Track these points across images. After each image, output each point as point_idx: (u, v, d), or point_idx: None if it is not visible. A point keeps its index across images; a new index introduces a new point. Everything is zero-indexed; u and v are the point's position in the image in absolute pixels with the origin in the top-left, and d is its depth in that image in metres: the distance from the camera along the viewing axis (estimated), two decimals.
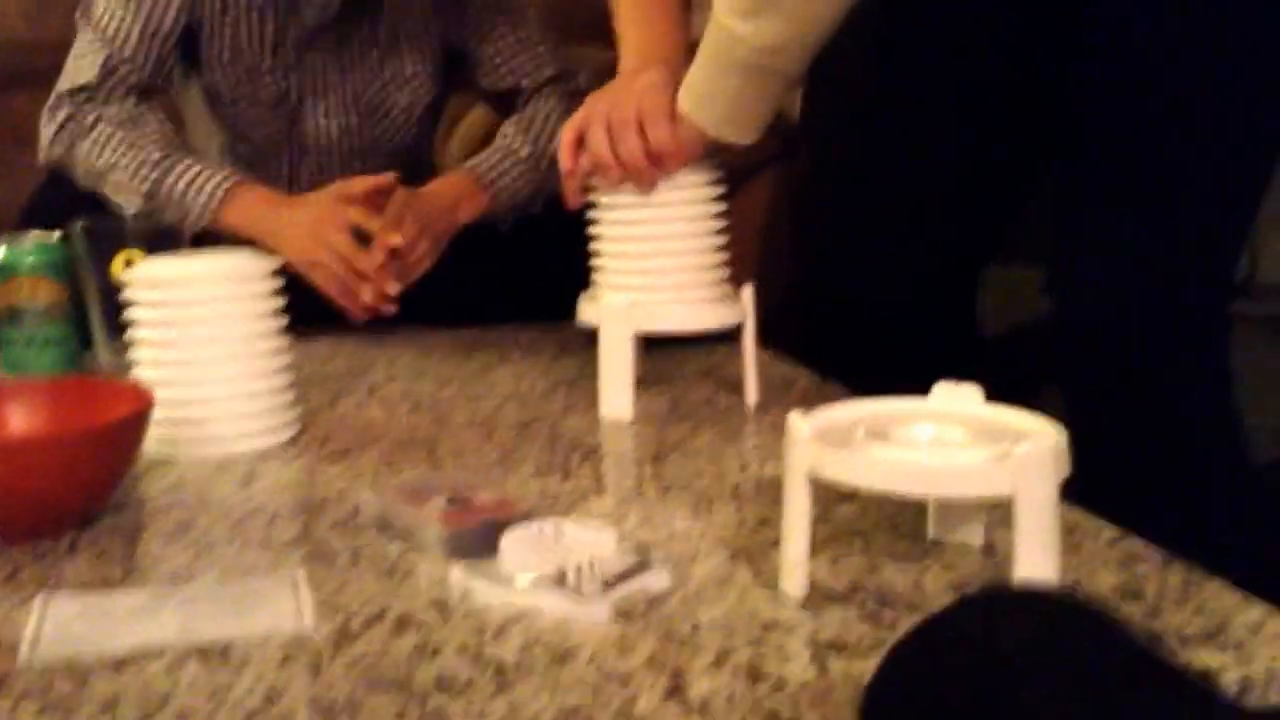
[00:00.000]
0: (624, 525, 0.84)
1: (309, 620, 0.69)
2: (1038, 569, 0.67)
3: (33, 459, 0.80)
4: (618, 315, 1.09)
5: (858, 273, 1.26)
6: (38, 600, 0.72)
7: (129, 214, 1.38)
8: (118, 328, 1.08)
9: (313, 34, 1.54)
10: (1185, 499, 1.04)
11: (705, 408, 1.13)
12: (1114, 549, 0.78)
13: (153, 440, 0.99)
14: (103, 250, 1.20)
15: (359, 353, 1.36)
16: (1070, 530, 0.80)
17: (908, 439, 0.72)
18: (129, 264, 1.15)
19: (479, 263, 1.49)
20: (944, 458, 0.69)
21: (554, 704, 0.60)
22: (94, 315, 1.22)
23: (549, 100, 1.58)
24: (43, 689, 0.62)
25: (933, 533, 0.80)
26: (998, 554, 0.77)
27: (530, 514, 0.80)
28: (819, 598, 0.71)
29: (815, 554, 0.75)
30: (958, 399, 0.76)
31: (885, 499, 0.85)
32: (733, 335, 1.15)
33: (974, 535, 0.79)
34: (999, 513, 0.80)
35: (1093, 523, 0.82)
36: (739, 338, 1.14)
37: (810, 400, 1.13)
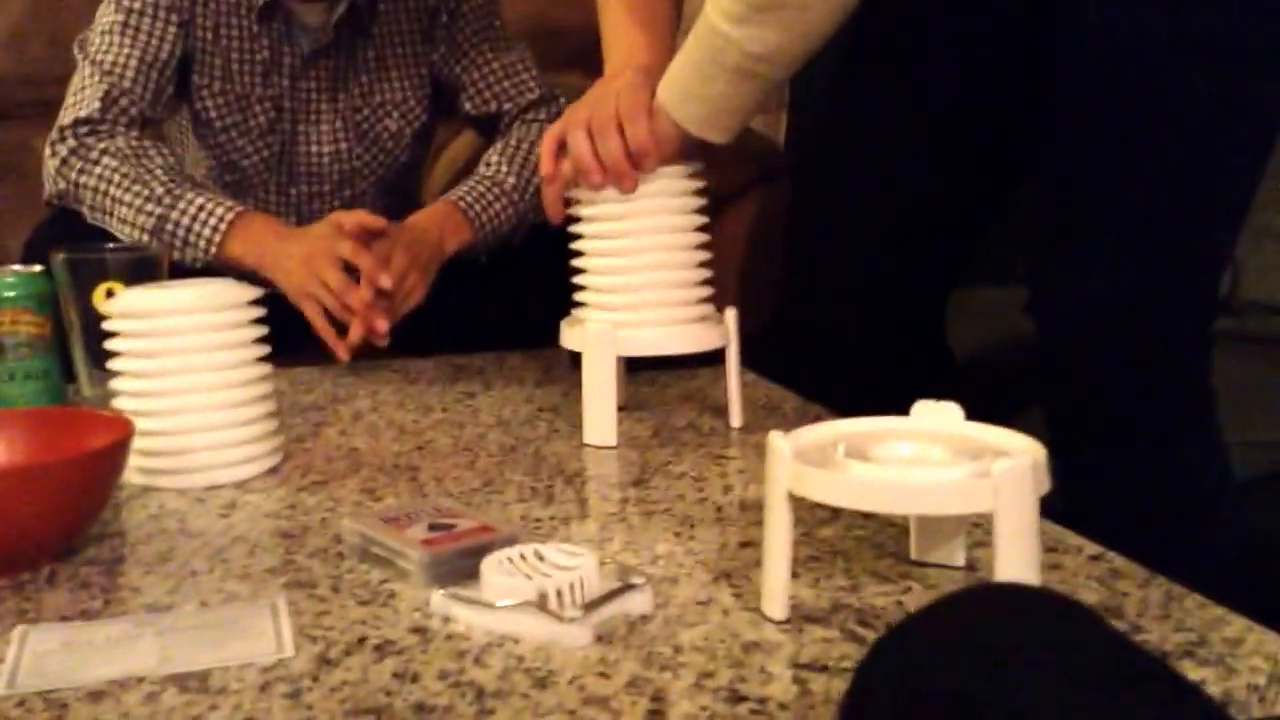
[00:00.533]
0: (606, 548, 0.84)
1: (288, 648, 0.69)
2: None
3: (11, 489, 0.80)
4: (600, 339, 1.09)
5: (836, 295, 1.26)
6: (16, 632, 0.71)
7: (136, 247, 1.38)
8: (100, 359, 1.08)
9: (305, 61, 1.55)
10: (1167, 517, 1.04)
11: (689, 431, 1.13)
12: (1095, 565, 0.78)
13: (134, 470, 0.99)
14: (84, 281, 1.20)
15: (342, 381, 1.36)
16: (1051, 547, 0.80)
17: (888, 457, 0.72)
18: (110, 295, 1.15)
19: (462, 290, 1.49)
20: (924, 475, 0.69)
21: None
22: (76, 347, 1.22)
23: (532, 126, 1.59)
24: None
25: (914, 552, 0.80)
26: (979, 572, 0.77)
27: (512, 538, 0.80)
28: (800, 618, 0.71)
29: (797, 575, 0.75)
30: (937, 417, 0.76)
31: (867, 519, 0.86)
32: (717, 358, 1.15)
33: (955, 554, 0.79)
34: (980, 532, 0.81)
35: (1073, 539, 0.82)
36: (723, 361, 1.14)
37: (794, 422, 1.14)
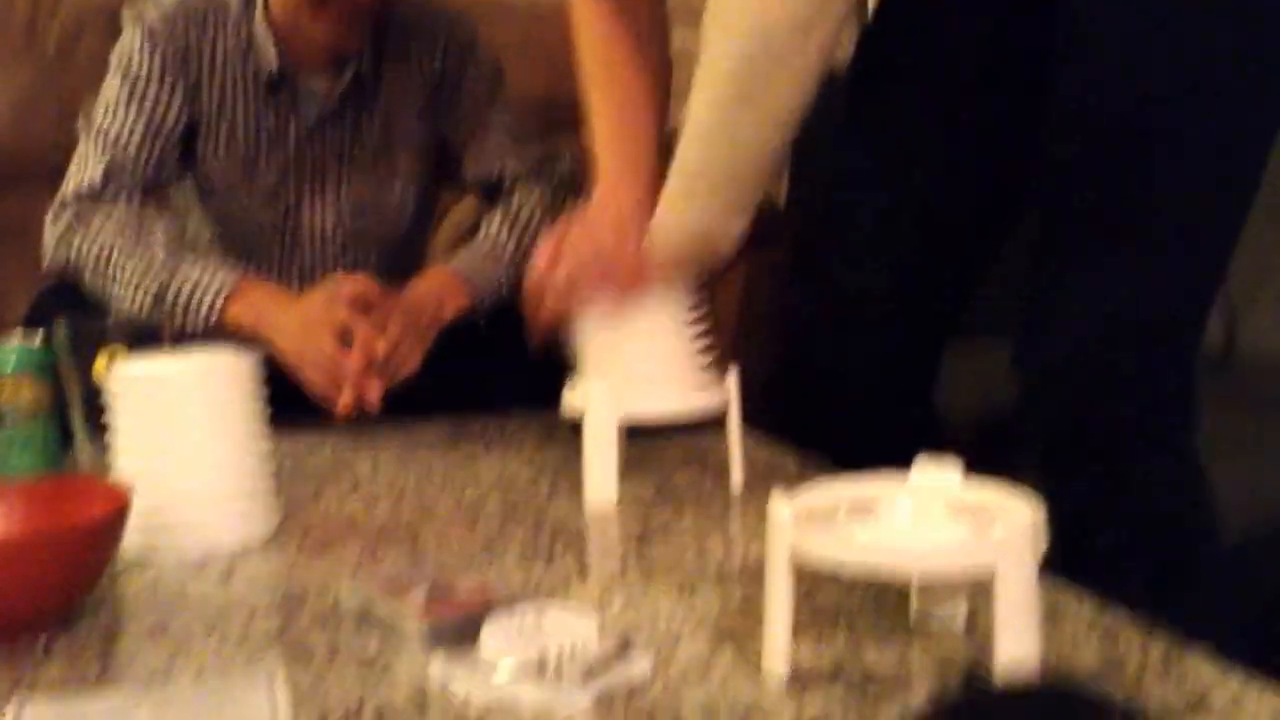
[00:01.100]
0: (607, 610, 0.83)
1: (285, 718, 0.68)
2: (1019, 644, 0.66)
3: (8, 560, 0.80)
4: (603, 402, 1.09)
5: (831, 353, 1.27)
6: (11, 706, 0.71)
7: (136, 316, 1.39)
8: (99, 427, 1.08)
9: (311, 130, 1.56)
10: (1158, 575, 1.03)
11: (690, 491, 1.13)
12: (1095, 622, 0.78)
13: (132, 538, 0.98)
14: (85, 350, 1.20)
15: (343, 446, 1.36)
16: (1051, 604, 0.80)
17: (888, 517, 0.72)
18: (111, 363, 1.16)
19: (462, 353, 1.50)
20: (924, 536, 0.69)
21: None
22: (76, 415, 1.22)
23: (533, 191, 1.60)
24: None
25: (915, 612, 0.79)
26: (980, 631, 0.77)
27: (513, 601, 0.79)
28: (802, 679, 0.71)
29: (798, 635, 0.74)
30: (937, 476, 0.76)
31: (868, 578, 0.85)
32: (717, 418, 1.15)
33: (957, 613, 0.78)
34: (981, 590, 0.80)
35: (1073, 596, 0.81)
36: (724, 421, 1.14)
37: (795, 482, 1.13)
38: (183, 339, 1.33)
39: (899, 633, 0.77)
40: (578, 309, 1.13)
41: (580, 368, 1.14)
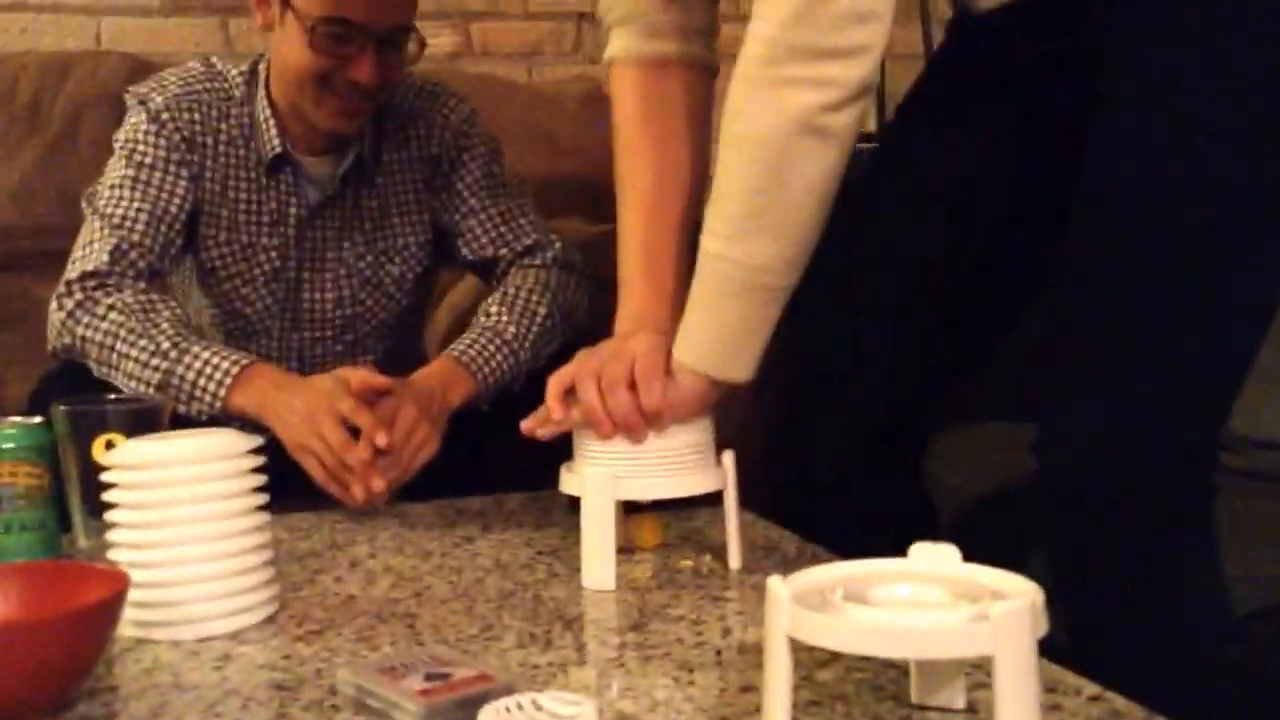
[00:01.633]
0: (605, 696, 0.83)
1: None
2: None
3: (2, 646, 0.79)
4: (599, 485, 1.09)
5: (820, 436, 1.27)
6: None
7: (136, 398, 1.38)
8: (97, 510, 1.08)
9: (311, 211, 1.58)
10: (1168, 656, 1.03)
11: (687, 573, 1.12)
12: (1095, 705, 0.77)
13: (129, 622, 0.98)
14: (84, 432, 1.21)
15: (339, 527, 1.35)
16: (1051, 687, 0.79)
17: (886, 600, 0.72)
18: (109, 446, 1.16)
19: (460, 434, 1.50)
20: (922, 619, 0.69)
21: None
22: (73, 497, 1.22)
23: (528, 273, 1.61)
24: None
25: (915, 695, 0.79)
26: (980, 714, 0.77)
27: (510, 687, 0.79)
28: None
29: (798, 718, 0.74)
30: (935, 559, 0.76)
31: (867, 660, 0.85)
32: (714, 497, 1.15)
33: (956, 697, 0.78)
34: (981, 673, 0.80)
35: (1073, 679, 0.81)
36: (721, 501, 1.14)
37: (793, 563, 1.13)
38: (182, 422, 1.34)
39: (898, 716, 0.77)
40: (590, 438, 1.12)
41: (579, 451, 1.14)
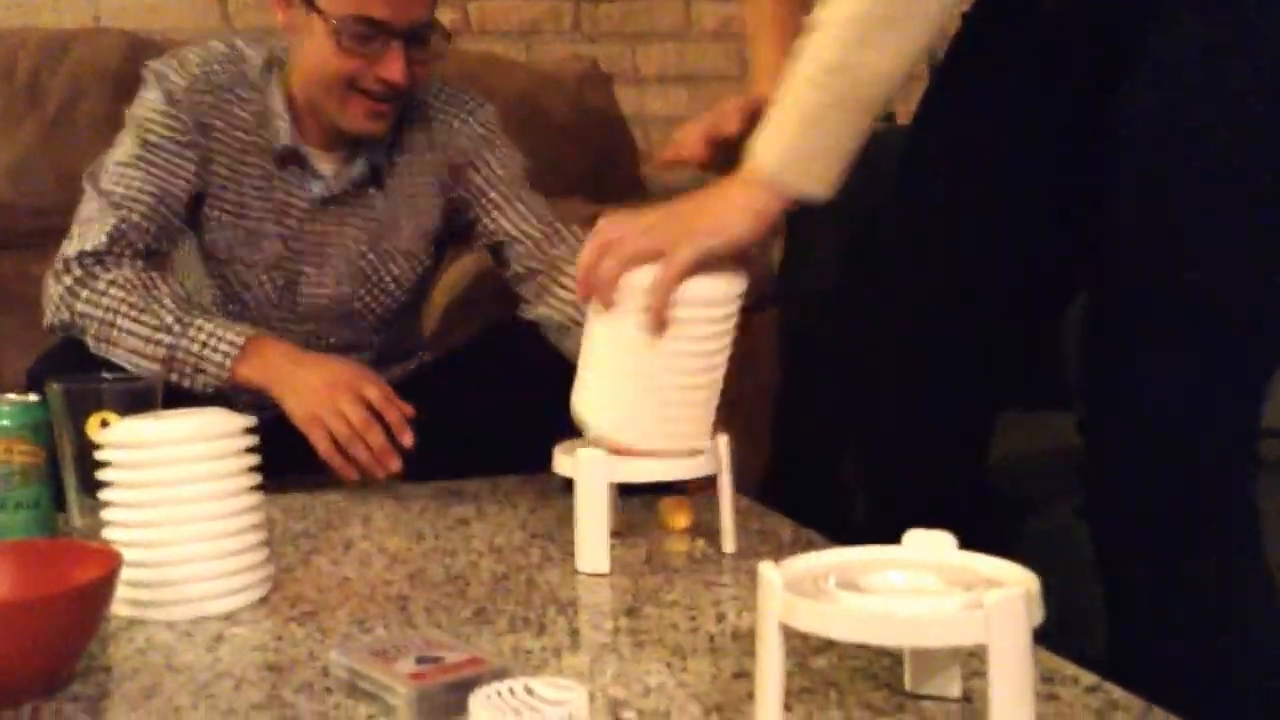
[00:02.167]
0: (597, 681, 0.82)
1: None
2: (1013, 718, 0.66)
3: None
4: (593, 467, 1.08)
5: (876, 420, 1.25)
6: None
7: (131, 377, 1.38)
8: (92, 488, 1.08)
9: (317, 206, 1.57)
10: (1213, 636, 1.01)
11: (682, 557, 1.12)
12: (1092, 696, 0.77)
13: (122, 602, 0.98)
14: (79, 411, 1.20)
15: (335, 507, 1.35)
16: (1048, 677, 0.79)
17: (879, 587, 0.72)
18: (104, 424, 1.16)
19: (457, 413, 1.50)
20: (914, 607, 0.68)
21: None
22: (68, 475, 1.22)
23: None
24: None
25: (909, 683, 0.79)
26: (975, 703, 0.76)
27: (502, 672, 0.79)
28: None
29: (790, 708, 0.74)
30: (930, 546, 0.76)
31: (861, 648, 0.85)
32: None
33: (951, 685, 0.78)
34: (977, 661, 0.80)
35: (1070, 669, 0.81)
36: (715, 486, 1.14)
37: (788, 549, 1.13)
38: (179, 400, 1.33)
39: (892, 706, 0.76)
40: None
41: (584, 373, 1.10)
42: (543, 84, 2.45)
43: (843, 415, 1.27)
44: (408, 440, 1.35)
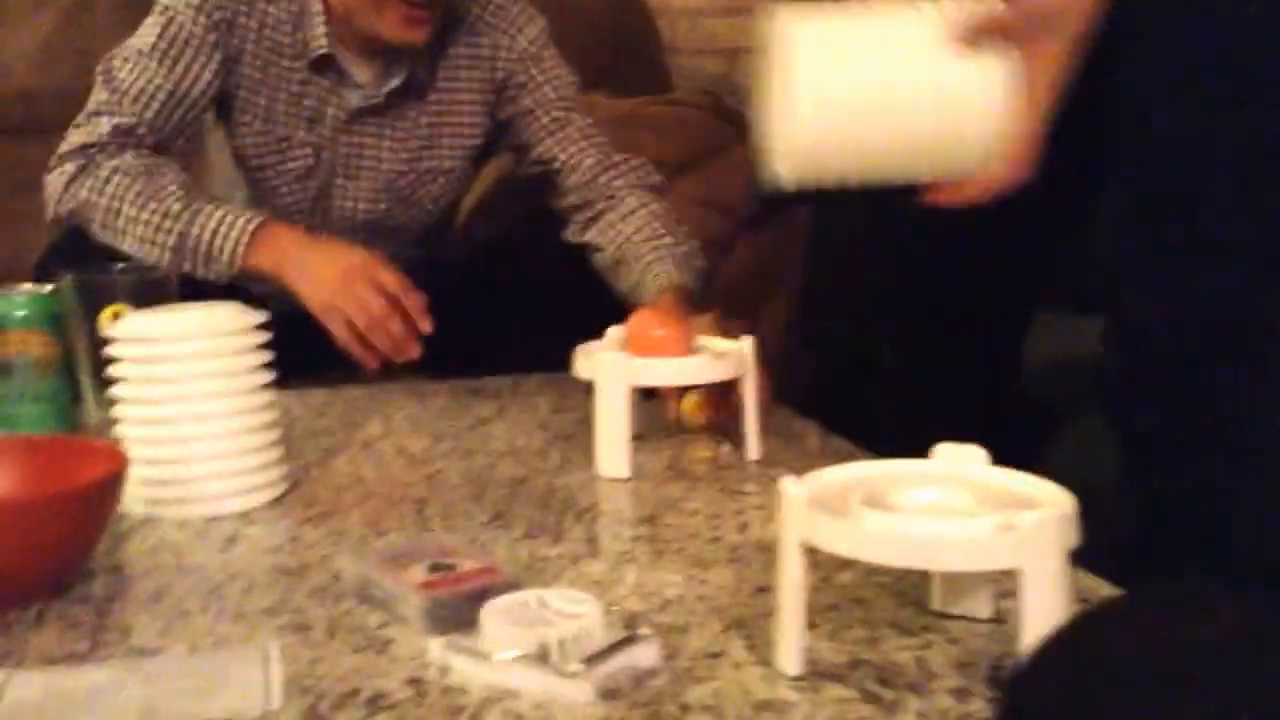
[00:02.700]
0: (614, 592, 0.80)
1: (276, 701, 0.66)
2: None
3: None
4: (614, 370, 1.06)
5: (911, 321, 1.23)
6: None
7: (153, 266, 1.35)
8: (106, 383, 1.06)
9: (352, 116, 1.51)
10: (1241, 542, 0.99)
11: (704, 464, 1.09)
12: None
13: (135, 499, 0.97)
14: (92, 304, 1.18)
15: (354, 405, 1.33)
16: (1084, 598, 0.76)
17: (908, 506, 0.69)
18: (117, 318, 1.13)
19: (479, 310, 1.47)
20: (945, 529, 0.65)
21: None
22: (83, 369, 1.20)
23: (647, 195, 1.50)
24: None
25: (937, 602, 0.76)
26: (1007, 624, 0.74)
27: (516, 582, 0.77)
28: (816, 675, 0.68)
29: (814, 625, 0.72)
30: (960, 461, 0.73)
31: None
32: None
33: (981, 606, 0.75)
34: (1009, 580, 0.77)
35: (1107, 590, 0.78)
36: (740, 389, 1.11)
37: (814, 457, 1.10)
38: (191, 294, 1.31)
39: (919, 625, 0.74)
40: None
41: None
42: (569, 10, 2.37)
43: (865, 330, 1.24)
44: (426, 326, 1.32)
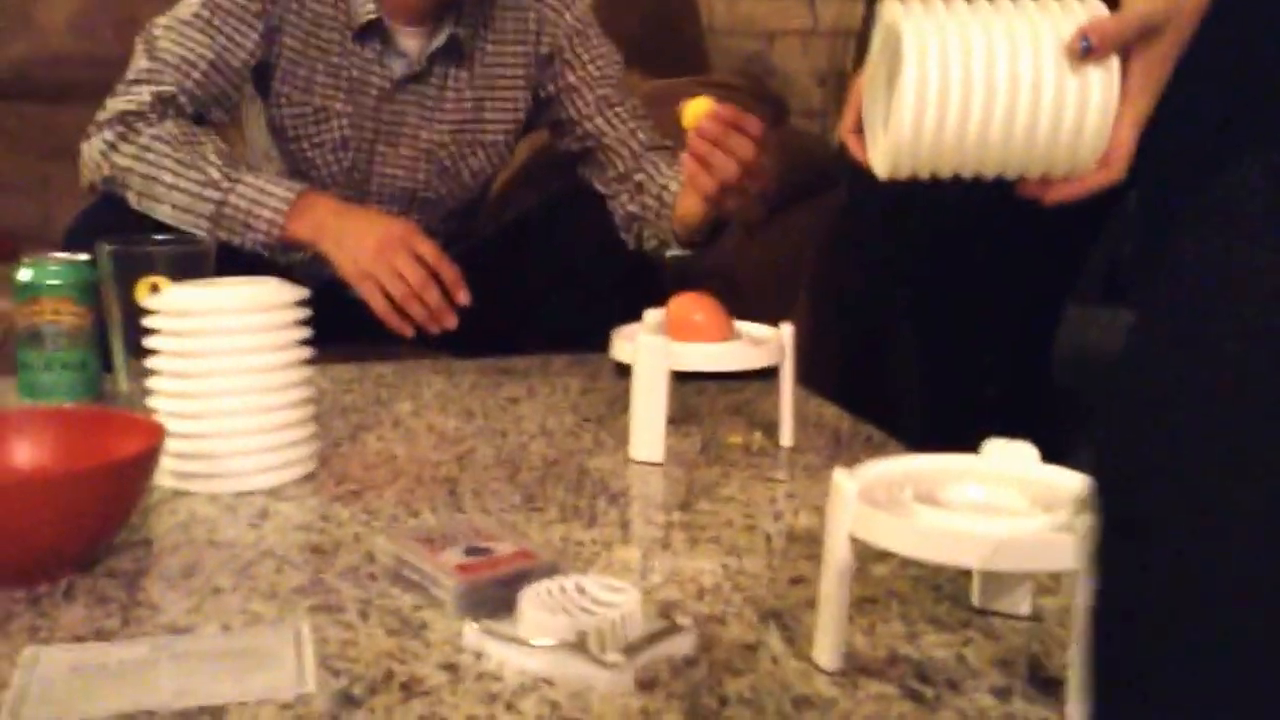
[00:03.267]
0: (649, 579, 0.79)
1: (310, 682, 0.65)
2: None
3: (32, 499, 0.76)
4: (652, 353, 1.04)
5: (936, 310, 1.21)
6: (26, 654, 0.68)
7: (184, 240, 1.34)
8: (139, 353, 1.05)
9: (395, 85, 1.50)
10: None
11: (737, 450, 1.08)
12: None
13: (166, 473, 0.96)
14: (129, 274, 1.17)
15: (384, 381, 1.32)
16: None
17: (958, 502, 0.67)
18: (154, 289, 1.12)
19: (511, 286, 1.46)
20: (1001, 528, 0.64)
21: None
22: (116, 339, 1.19)
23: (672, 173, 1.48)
24: None
25: (977, 599, 0.75)
26: (1045, 622, 0.73)
27: (553, 567, 0.76)
28: (855, 670, 0.67)
29: (851, 618, 0.70)
30: (1011, 458, 0.71)
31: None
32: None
33: (1020, 603, 0.74)
34: (1045, 578, 0.76)
35: None
36: (774, 374, 1.09)
37: (847, 444, 1.09)
38: (229, 267, 1.30)
39: (958, 621, 0.73)
40: None
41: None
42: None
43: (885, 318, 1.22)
44: (463, 298, 1.32)
